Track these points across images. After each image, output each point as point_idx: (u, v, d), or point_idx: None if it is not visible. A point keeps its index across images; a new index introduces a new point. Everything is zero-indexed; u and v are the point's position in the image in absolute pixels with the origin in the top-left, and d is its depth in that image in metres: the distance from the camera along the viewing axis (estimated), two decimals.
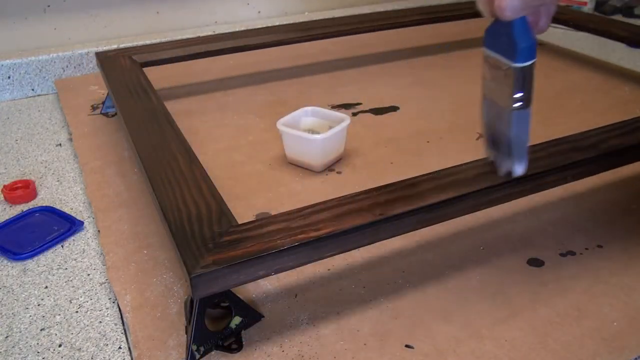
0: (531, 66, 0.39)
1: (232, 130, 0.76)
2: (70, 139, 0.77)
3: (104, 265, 0.52)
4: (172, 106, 0.67)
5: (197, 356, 0.42)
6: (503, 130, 0.42)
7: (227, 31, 1.01)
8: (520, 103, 0.40)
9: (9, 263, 0.53)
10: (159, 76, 0.84)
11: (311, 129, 0.67)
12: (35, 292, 0.50)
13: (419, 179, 0.48)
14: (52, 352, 0.43)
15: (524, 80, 0.39)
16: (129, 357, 0.43)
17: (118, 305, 0.48)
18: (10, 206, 0.62)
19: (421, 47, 1.08)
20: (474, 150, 0.70)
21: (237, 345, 0.43)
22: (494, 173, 0.47)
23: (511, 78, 0.39)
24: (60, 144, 0.76)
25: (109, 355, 0.43)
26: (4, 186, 0.63)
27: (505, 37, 0.37)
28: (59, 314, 0.47)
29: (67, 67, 0.96)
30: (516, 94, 0.40)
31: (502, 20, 0.36)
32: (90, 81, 0.94)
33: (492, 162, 0.44)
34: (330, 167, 0.66)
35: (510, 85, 0.39)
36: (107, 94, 0.83)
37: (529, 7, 0.35)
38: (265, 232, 0.41)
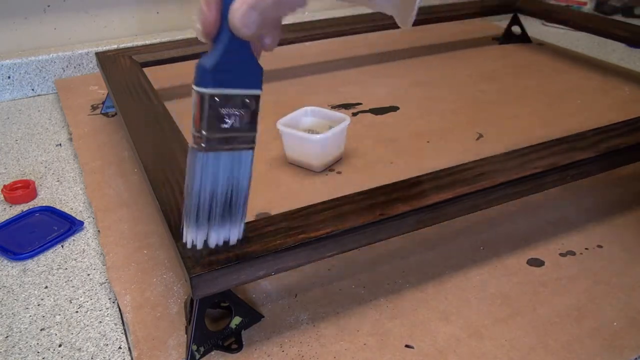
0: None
1: None
2: (70, 139, 0.77)
3: (104, 265, 0.52)
4: (172, 106, 0.67)
5: (197, 356, 0.42)
6: (237, 180, 0.35)
7: None
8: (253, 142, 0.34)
9: (9, 263, 0.53)
10: (159, 76, 0.84)
11: (311, 129, 0.67)
12: (35, 292, 0.50)
13: (419, 179, 0.48)
14: (52, 352, 0.43)
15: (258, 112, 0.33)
16: (129, 357, 0.43)
17: (118, 305, 0.48)
18: (10, 206, 0.62)
19: (421, 47, 1.08)
20: (474, 150, 0.70)
21: (237, 345, 0.43)
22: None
23: (255, 111, 0.33)
24: (60, 144, 0.76)
25: (109, 355, 0.43)
26: (4, 186, 0.63)
27: (239, 64, 0.32)
28: (59, 314, 0.47)
29: (67, 67, 0.96)
30: (256, 129, 0.34)
31: (238, 39, 0.31)
32: (90, 81, 0.94)
33: (193, 243, 0.36)
34: (330, 167, 0.66)
35: (252, 121, 0.34)
36: (107, 94, 0.83)
37: (267, 20, 0.31)
38: (265, 232, 0.41)
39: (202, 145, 0.33)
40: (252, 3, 0.30)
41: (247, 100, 0.33)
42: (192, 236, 0.36)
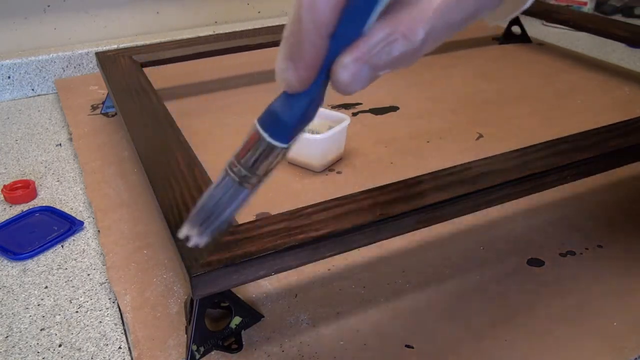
0: None
1: (232, 130, 0.76)
2: (70, 139, 0.77)
3: (104, 265, 0.52)
4: (172, 106, 0.67)
5: (197, 356, 0.42)
6: (229, 205, 0.36)
7: (227, 31, 1.01)
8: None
9: (9, 263, 0.53)
10: (159, 76, 0.84)
11: (311, 129, 0.67)
12: (35, 292, 0.50)
13: (419, 179, 0.48)
14: (52, 352, 0.43)
15: None
16: (129, 357, 0.43)
17: (118, 305, 0.48)
18: (10, 206, 0.62)
19: None
20: (474, 150, 0.70)
21: (237, 345, 0.43)
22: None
23: (283, 154, 0.31)
24: (60, 144, 0.76)
25: (109, 355, 0.43)
26: (4, 186, 0.63)
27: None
28: (59, 314, 0.47)
29: (67, 67, 0.96)
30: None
31: (323, 89, 0.27)
32: (90, 81, 0.94)
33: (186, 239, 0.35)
34: (330, 167, 0.66)
35: (276, 161, 0.32)
36: (107, 94, 0.83)
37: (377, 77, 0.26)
38: (265, 232, 0.41)
39: (236, 176, 0.33)
40: (366, 59, 0.24)
41: (281, 151, 0.30)
42: (190, 234, 0.35)
